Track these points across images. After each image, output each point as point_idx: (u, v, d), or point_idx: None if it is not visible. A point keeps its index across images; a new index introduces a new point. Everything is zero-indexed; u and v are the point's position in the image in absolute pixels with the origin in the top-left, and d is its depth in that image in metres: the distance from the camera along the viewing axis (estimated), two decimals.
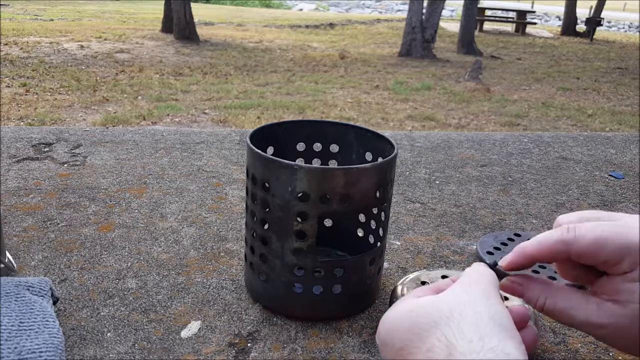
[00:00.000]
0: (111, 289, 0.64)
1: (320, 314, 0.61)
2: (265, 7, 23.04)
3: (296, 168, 0.54)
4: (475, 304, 0.37)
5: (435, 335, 0.36)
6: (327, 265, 0.59)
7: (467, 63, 8.78)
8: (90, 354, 0.54)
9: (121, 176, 0.96)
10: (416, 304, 0.40)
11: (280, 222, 0.57)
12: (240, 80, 6.94)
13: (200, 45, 9.48)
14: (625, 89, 7.77)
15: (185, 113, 5.24)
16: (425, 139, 1.27)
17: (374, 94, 6.63)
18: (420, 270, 0.62)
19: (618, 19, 24.47)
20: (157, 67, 7.39)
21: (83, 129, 1.19)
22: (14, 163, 0.99)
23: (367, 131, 0.66)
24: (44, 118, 4.78)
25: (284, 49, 9.72)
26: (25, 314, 0.52)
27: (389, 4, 27.26)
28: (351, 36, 12.32)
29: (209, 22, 13.11)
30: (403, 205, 0.91)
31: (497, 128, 5.38)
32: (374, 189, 0.57)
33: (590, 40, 13.92)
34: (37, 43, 8.60)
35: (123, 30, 10.64)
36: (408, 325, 0.38)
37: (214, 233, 0.79)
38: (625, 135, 1.40)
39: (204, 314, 0.61)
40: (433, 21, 9.92)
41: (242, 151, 1.12)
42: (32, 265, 0.68)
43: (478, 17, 12.93)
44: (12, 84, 5.98)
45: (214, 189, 0.93)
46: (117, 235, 0.76)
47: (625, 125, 5.75)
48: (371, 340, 0.58)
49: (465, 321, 0.36)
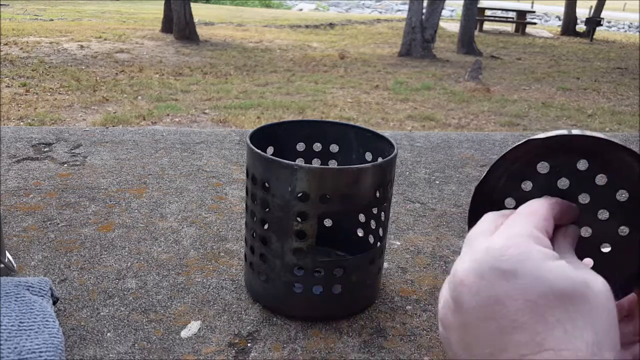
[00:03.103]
0: (111, 289, 0.64)
1: (320, 314, 0.61)
2: (265, 7, 23.04)
3: (296, 168, 0.54)
4: (611, 303, 0.31)
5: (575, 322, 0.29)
6: (327, 265, 0.59)
7: (467, 63, 8.78)
8: (90, 354, 0.53)
9: (121, 176, 0.96)
10: (572, 271, 0.31)
11: (280, 222, 0.57)
12: (240, 80, 6.94)
13: (200, 45, 9.48)
14: (625, 89, 7.77)
15: (185, 113, 5.24)
16: (425, 139, 1.27)
17: (373, 94, 6.63)
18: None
19: (618, 19, 24.47)
20: (157, 67, 7.39)
21: (83, 129, 1.19)
22: (14, 163, 0.99)
23: (367, 131, 0.66)
24: (44, 118, 4.77)
25: (283, 49, 9.72)
26: (25, 314, 0.52)
27: (389, 4, 27.26)
28: (351, 36, 12.31)
29: (209, 22, 13.11)
30: (403, 205, 0.91)
31: (497, 128, 5.38)
32: (374, 189, 0.57)
33: (590, 40, 13.92)
34: (37, 43, 8.59)
35: (123, 30, 10.63)
36: (559, 290, 0.30)
37: (214, 233, 0.79)
38: (625, 135, 1.40)
39: (204, 314, 0.61)
40: (433, 21, 9.91)
41: (242, 151, 1.12)
42: (32, 265, 0.68)
43: (478, 17, 12.93)
44: (12, 84, 5.98)
45: (214, 189, 0.93)
46: (117, 235, 0.76)
47: (625, 125, 5.75)
48: (371, 340, 0.58)
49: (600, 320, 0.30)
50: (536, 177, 0.39)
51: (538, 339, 0.29)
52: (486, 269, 0.31)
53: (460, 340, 0.32)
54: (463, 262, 0.33)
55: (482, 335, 0.31)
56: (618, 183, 0.37)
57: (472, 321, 0.31)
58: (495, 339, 0.30)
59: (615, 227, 0.38)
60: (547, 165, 0.39)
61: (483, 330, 0.31)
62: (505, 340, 0.30)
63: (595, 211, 0.38)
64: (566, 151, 0.37)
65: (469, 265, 0.32)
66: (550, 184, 0.39)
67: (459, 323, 0.32)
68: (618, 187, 0.37)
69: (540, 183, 0.39)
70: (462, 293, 0.32)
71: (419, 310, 0.64)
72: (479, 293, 0.31)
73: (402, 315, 0.63)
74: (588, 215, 0.38)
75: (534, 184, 0.39)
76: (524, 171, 0.39)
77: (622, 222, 0.38)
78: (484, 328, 0.31)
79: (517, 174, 0.39)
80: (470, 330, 0.32)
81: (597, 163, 0.37)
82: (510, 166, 0.39)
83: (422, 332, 0.60)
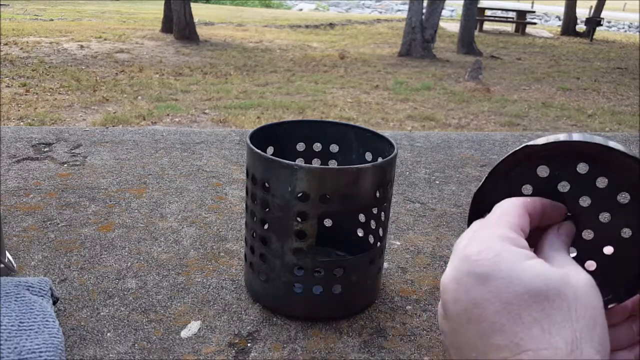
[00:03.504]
0: (111, 289, 0.64)
1: (320, 314, 0.61)
2: (265, 7, 23.04)
3: (296, 168, 0.54)
4: (595, 299, 0.31)
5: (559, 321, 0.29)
6: (327, 265, 0.59)
7: (467, 63, 8.78)
8: (90, 354, 0.53)
9: (121, 176, 0.96)
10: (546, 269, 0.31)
11: (280, 222, 0.57)
12: (240, 80, 6.94)
13: (200, 45, 9.48)
14: (625, 89, 7.77)
15: (185, 113, 5.24)
16: (425, 139, 1.27)
17: (373, 94, 6.63)
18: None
19: (618, 19, 24.47)
20: (157, 67, 7.39)
21: (83, 129, 1.19)
22: (14, 163, 0.99)
23: (367, 131, 0.66)
24: (44, 118, 4.77)
25: (283, 49, 9.72)
26: (25, 314, 0.52)
27: (389, 4, 27.25)
28: (351, 36, 12.31)
29: (209, 22, 13.11)
30: (403, 205, 0.91)
31: (497, 128, 5.38)
32: (374, 189, 0.57)
33: (590, 40, 13.92)
34: (37, 43, 8.59)
35: (123, 30, 10.63)
36: (534, 289, 0.30)
37: (214, 233, 0.79)
38: (625, 135, 1.40)
39: (204, 314, 0.61)
40: (433, 21, 9.92)
41: (242, 151, 1.12)
42: (32, 265, 0.68)
43: (478, 17, 12.93)
44: (12, 84, 5.98)
45: (214, 189, 0.93)
46: (117, 235, 0.76)
47: (625, 125, 5.75)
48: (371, 340, 0.58)
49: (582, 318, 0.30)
50: (536, 180, 0.39)
51: (516, 340, 0.29)
52: (463, 274, 0.32)
53: (452, 344, 0.33)
54: (447, 269, 0.34)
55: (467, 340, 0.32)
56: (619, 185, 0.37)
57: (458, 327, 0.32)
58: (478, 342, 0.31)
59: (617, 229, 0.38)
60: (547, 169, 0.39)
61: (468, 335, 0.31)
62: (486, 344, 0.30)
63: (597, 213, 0.38)
64: (566, 155, 0.38)
65: (449, 273, 0.33)
66: (550, 188, 0.39)
67: (449, 329, 0.33)
68: (619, 189, 0.37)
69: (540, 187, 0.39)
70: (446, 300, 0.33)
71: (419, 310, 0.64)
72: (459, 299, 0.32)
73: (402, 315, 0.63)
74: (590, 217, 0.38)
75: (534, 187, 0.39)
76: (523, 175, 0.39)
77: (624, 224, 0.38)
78: (468, 332, 0.31)
79: (517, 177, 0.40)
80: (458, 335, 0.32)
81: (597, 166, 0.37)
82: (509, 171, 0.39)
83: (422, 332, 0.60)
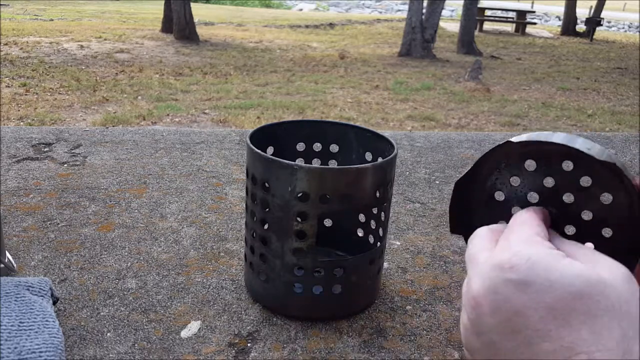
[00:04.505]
0: (111, 289, 0.64)
1: (320, 314, 0.61)
2: (265, 7, 23.04)
3: (296, 168, 0.54)
4: (632, 288, 0.30)
5: (609, 325, 0.28)
6: (327, 265, 0.59)
7: (467, 63, 8.78)
8: (90, 354, 0.53)
9: (121, 176, 0.96)
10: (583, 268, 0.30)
11: (280, 222, 0.57)
12: (240, 80, 6.94)
13: (200, 45, 9.48)
14: (625, 89, 7.77)
15: (185, 113, 5.24)
16: (425, 139, 1.27)
17: (373, 94, 6.63)
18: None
19: (618, 19, 24.47)
20: (157, 67, 7.39)
21: (83, 129, 1.19)
22: (14, 163, 0.99)
23: (367, 131, 0.66)
24: (44, 118, 4.77)
25: (283, 49, 9.72)
26: (25, 314, 0.52)
27: (389, 4, 27.25)
28: (351, 36, 12.32)
29: (209, 22, 13.11)
30: (403, 205, 0.91)
31: (497, 128, 5.38)
32: (374, 189, 0.57)
33: (590, 40, 13.92)
34: (37, 43, 8.59)
35: (123, 30, 10.63)
36: (576, 291, 0.29)
37: (214, 233, 0.79)
38: (625, 135, 1.40)
39: (204, 314, 0.61)
40: (433, 21, 9.91)
41: (242, 151, 1.12)
42: (32, 265, 0.68)
43: (478, 17, 12.93)
44: (12, 84, 5.98)
45: (214, 189, 0.93)
46: (117, 235, 0.76)
47: (625, 125, 5.75)
48: (371, 340, 0.58)
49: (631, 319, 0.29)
50: (524, 174, 0.40)
51: (566, 344, 0.28)
52: (498, 283, 0.31)
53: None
54: (474, 283, 0.32)
55: (510, 351, 0.30)
56: (602, 185, 0.37)
57: (497, 339, 0.31)
58: (524, 351, 0.30)
59: (599, 229, 0.38)
60: (534, 163, 0.40)
61: (510, 346, 0.30)
62: (534, 352, 0.29)
63: (579, 212, 0.39)
64: (550, 153, 0.38)
65: (481, 285, 0.31)
66: (537, 182, 0.40)
67: (483, 344, 0.32)
68: (602, 190, 0.37)
69: (528, 180, 0.40)
70: (480, 314, 0.31)
71: (419, 310, 0.64)
72: (498, 309, 0.30)
73: (402, 315, 0.63)
74: (573, 215, 0.39)
75: (522, 180, 0.40)
76: (511, 168, 0.41)
77: (605, 224, 0.38)
78: (510, 343, 0.30)
79: (505, 170, 0.41)
80: (498, 349, 0.31)
81: (581, 165, 0.37)
82: (495, 164, 0.41)
83: (422, 332, 0.60)
